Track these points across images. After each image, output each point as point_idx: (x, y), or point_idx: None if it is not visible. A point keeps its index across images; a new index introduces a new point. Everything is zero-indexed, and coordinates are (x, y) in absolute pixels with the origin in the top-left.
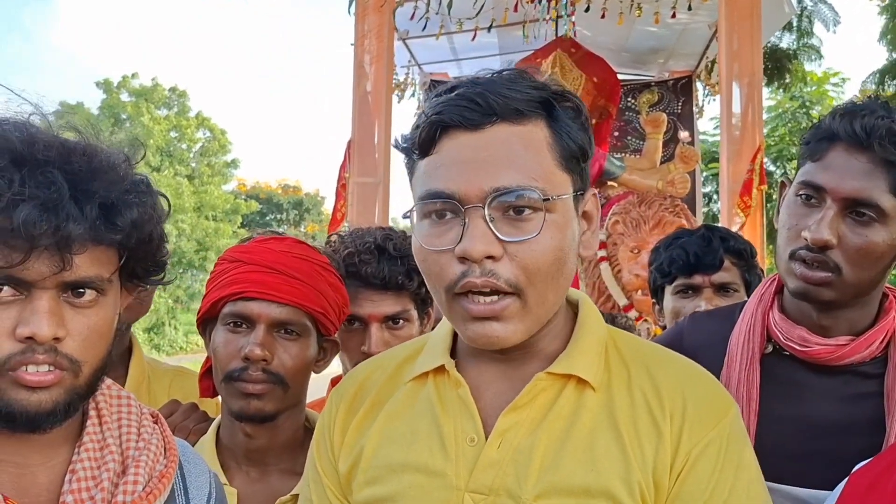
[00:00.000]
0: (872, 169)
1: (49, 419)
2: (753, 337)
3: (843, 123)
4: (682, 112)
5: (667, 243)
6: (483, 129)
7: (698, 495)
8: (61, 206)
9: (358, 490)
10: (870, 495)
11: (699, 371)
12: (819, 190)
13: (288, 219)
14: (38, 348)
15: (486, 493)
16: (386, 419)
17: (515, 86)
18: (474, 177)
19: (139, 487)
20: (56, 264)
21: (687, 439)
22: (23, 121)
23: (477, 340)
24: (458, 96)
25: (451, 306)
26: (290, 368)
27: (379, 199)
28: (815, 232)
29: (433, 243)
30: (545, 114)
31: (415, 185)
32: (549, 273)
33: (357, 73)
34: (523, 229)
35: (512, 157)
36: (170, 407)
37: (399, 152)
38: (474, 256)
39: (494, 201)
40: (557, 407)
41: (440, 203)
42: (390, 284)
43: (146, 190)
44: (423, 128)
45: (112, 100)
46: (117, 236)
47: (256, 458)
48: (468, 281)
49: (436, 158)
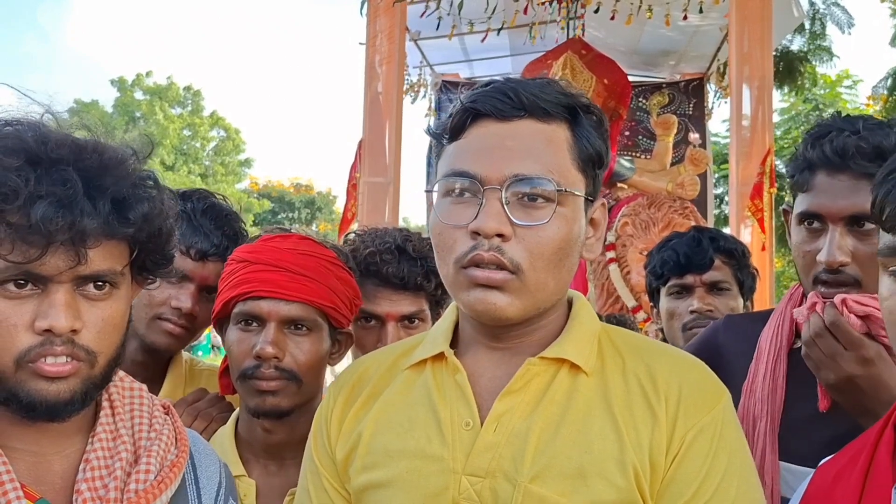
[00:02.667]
0: (856, 184)
1: (67, 408)
2: (782, 332)
3: (817, 151)
4: (692, 114)
5: (659, 247)
6: (511, 121)
7: (693, 478)
8: (76, 202)
9: (355, 476)
10: (835, 487)
11: (692, 359)
12: (817, 216)
13: (300, 218)
14: (56, 340)
15: (483, 476)
16: (383, 406)
17: (546, 89)
18: (496, 161)
19: (151, 476)
20: (72, 259)
21: (682, 423)
22: (36, 120)
23: (476, 306)
24: (493, 89)
25: (457, 277)
26: (303, 364)
27: (389, 199)
28: (829, 255)
29: (450, 218)
30: (569, 118)
31: (441, 166)
32: (550, 260)
33: (368, 73)
34: (534, 216)
35: (533, 149)
36: (196, 394)
37: (430, 138)
38: (486, 232)
39: (512, 186)
40: (551, 391)
41: (461, 181)
42: (409, 285)
43: (154, 185)
44: (457, 114)
45: (126, 98)
46: (129, 230)
47: (274, 452)
48: (477, 254)
49: (463, 142)
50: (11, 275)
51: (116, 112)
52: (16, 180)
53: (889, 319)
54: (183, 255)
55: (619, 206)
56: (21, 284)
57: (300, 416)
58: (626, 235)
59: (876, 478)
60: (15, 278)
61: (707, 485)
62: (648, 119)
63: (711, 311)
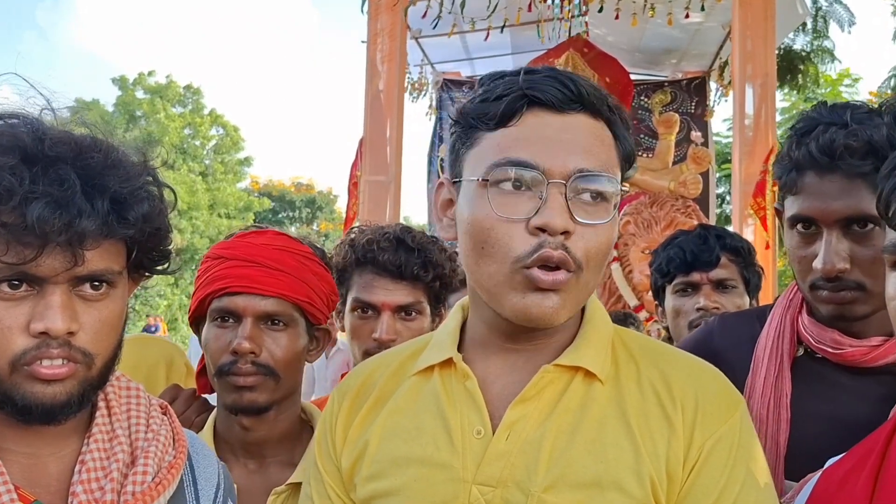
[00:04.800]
0: (849, 184)
1: (64, 411)
2: (783, 343)
3: (802, 151)
4: (695, 112)
5: (665, 244)
6: (566, 113)
7: (711, 489)
8: (73, 202)
9: (362, 485)
10: (840, 491)
11: (708, 367)
12: (810, 220)
13: (300, 217)
14: (52, 342)
15: (494, 486)
16: (390, 414)
17: (593, 88)
18: (560, 154)
19: (148, 478)
20: (68, 260)
21: (700, 433)
22: (33, 117)
23: (531, 310)
24: (549, 77)
25: (513, 277)
26: (280, 359)
27: (390, 197)
28: (826, 263)
29: (506, 211)
30: (610, 117)
31: (479, 153)
32: (601, 261)
33: (369, 71)
34: (596, 215)
35: (591, 144)
36: (171, 392)
37: (458, 122)
38: (556, 229)
39: (575, 181)
40: (565, 399)
41: (522, 171)
42: (406, 274)
43: (154, 183)
44: (511, 98)
45: (127, 97)
46: (129, 231)
47: (254, 451)
48: (545, 252)
49: (516, 130)
50: (6, 276)
51: (118, 111)
52: (10, 179)
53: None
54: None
55: (622, 205)
56: (16, 285)
57: (279, 414)
58: (628, 234)
59: (887, 482)
60: (9, 279)
61: (725, 496)
62: (650, 117)
63: (718, 309)
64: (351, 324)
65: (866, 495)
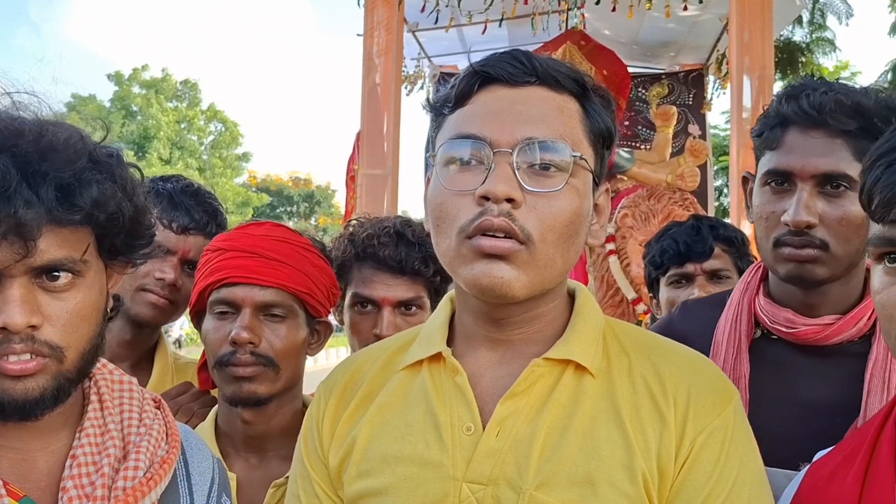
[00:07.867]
0: (832, 142)
1: (38, 406)
2: (740, 325)
3: (792, 106)
4: (692, 105)
5: (658, 236)
6: (521, 87)
7: (703, 484)
8: (13, 191)
9: (350, 483)
10: (829, 487)
11: (701, 359)
12: (787, 175)
13: (298, 211)
14: (13, 338)
15: (485, 483)
16: (378, 410)
17: (556, 63)
18: (507, 124)
19: (140, 473)
20: (19, 251)
21: (692, 427)
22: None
23: (481, 280)
24: (504, 54)
25: (459, 249)
26: (280, 350)
27: (388, 191)
28: (795, 214)
29: (454, 185)
30: (579, 93)
31: (441, 136)
32: (562, 234)
33: (366, 64)
34: (546, 184)
35: (545, 114)
36: (180, 388)
37: (428, 111)
38: (497, 195)
39: (524, 150)
40: (556, 394)
41: (467, 144)
42: (406, 269)
43: (112, 164)
44: (465, 78)
45: (123, 92)
46: (76, 216)
47: (255, 445)
48: (486, 219)
49: (469, 108)
50: None
51: (114, 106)
52: None
53: (882, 314)
54: (165, 229)
55: (619, 198)
56: None
57: (280, 407)
58: (626, 227)
59: (877, 478)
60: None
61: (718, 491)
62: (648, 110)
63: None
64: (350, 319)
65: (856, 491)
